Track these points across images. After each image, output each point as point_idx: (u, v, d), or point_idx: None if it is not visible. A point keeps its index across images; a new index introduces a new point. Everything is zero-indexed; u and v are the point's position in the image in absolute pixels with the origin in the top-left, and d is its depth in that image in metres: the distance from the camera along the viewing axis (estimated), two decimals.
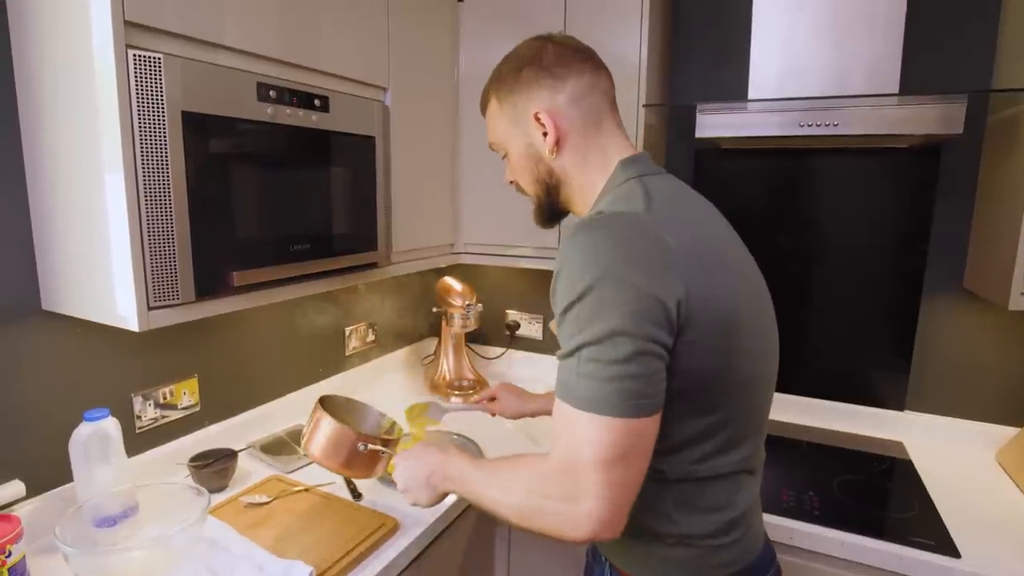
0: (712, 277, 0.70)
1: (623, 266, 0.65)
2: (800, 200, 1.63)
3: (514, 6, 1.58)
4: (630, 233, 0.68)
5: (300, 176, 1.14)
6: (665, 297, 0.65)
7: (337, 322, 1.74)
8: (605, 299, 0.65)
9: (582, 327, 0.66)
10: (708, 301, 0.68)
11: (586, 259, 0.67)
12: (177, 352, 1.29)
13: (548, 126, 0.82)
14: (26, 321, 1.02)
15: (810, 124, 1.22)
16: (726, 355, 0.72)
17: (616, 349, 0.64)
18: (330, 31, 1.21)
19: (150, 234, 0.89)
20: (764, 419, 0.84)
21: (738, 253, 0.80)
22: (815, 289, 1.65)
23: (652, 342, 0.65)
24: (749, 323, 0.75)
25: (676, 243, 0.68)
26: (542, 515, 0.70)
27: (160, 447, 1.26)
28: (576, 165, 0.85)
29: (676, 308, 0.66)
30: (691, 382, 0.70)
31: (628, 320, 0.64)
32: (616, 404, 0.64)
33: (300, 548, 1.02)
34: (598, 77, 0.84)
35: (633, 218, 0.71)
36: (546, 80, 0.83)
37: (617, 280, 0.65)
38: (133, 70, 0.85)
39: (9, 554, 0.89)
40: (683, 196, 0.81)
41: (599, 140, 0.84)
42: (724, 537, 0.78)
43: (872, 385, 1.63)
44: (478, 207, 1.71)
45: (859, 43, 1.24)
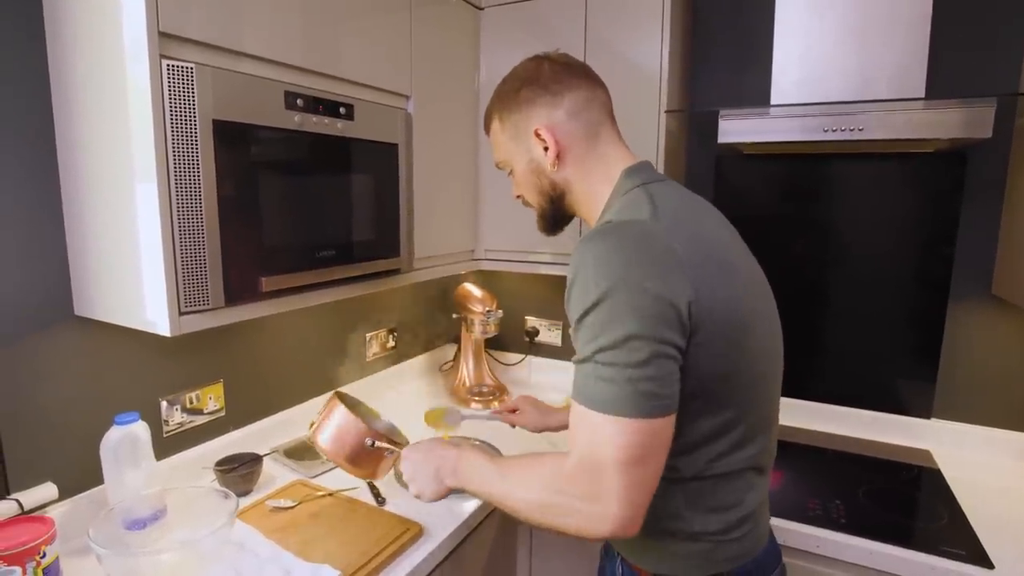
0: (718, 280, 0.72)
1: (635, 272, 0.68)
2: (824, 205, 1.62)
3: (534, 14, 1.59)
4: (639, 241, 0.71)
5: (325, 183, 1.15)
6: (676, 301, 0.68)
7: (358, 328, 1.75)
8: (619, 305, 0.67)
9: (597, 333, 0.68)
10: (716, 303, 0.71)
11: (598, 267, 0.69)
12: (203, 358, 1.31)
13: (548, 141, 0.86)
14: (59, 326, 1.04)
15: (834, 129, 1.21)
16: (735, 355, 0.74)
17: (632, 353, 0.66)
18: (355, 40, 1.22)
19: (182, 240, 0.91)
20: (773, 416, 0.85)
21: (742, 256, 0.82)
22: (840, 295, 1.63)
23: (666, 344, 0.67)
24: (755, 324, 0.77)
25: (682, 248, 0.71)
26: (562, 513, 0.72)
27: (187, 451, 1.28)
28: (578, 176, 0.89)
29: (687, 311, 0.68)
30: (703, 382, 0.72)
31: (642, 324, 0.66)
32: (634, 405, 0.66)
33: (325, 552, 1.03)
34: (594, 91, 0.89)
35: (641, 226, 0.74)
36: (544, 97, 0.87)
37: (630, 286, 0.67)
38: (166, 80, 0.87)
39: (44, 555, 0.91)
40: (687, 202, 0.82)
41: (599, 150, 0.88)
42: (733, 533, 0.80)
43: (899, 393, 1.60)
44: (498, 213, 1.72)
45: (883, 47, 1.23)
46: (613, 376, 0.67)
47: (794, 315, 1.68)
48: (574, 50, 1.52)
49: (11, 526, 0.92)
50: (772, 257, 1.67)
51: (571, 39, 1.54)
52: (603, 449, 0.68)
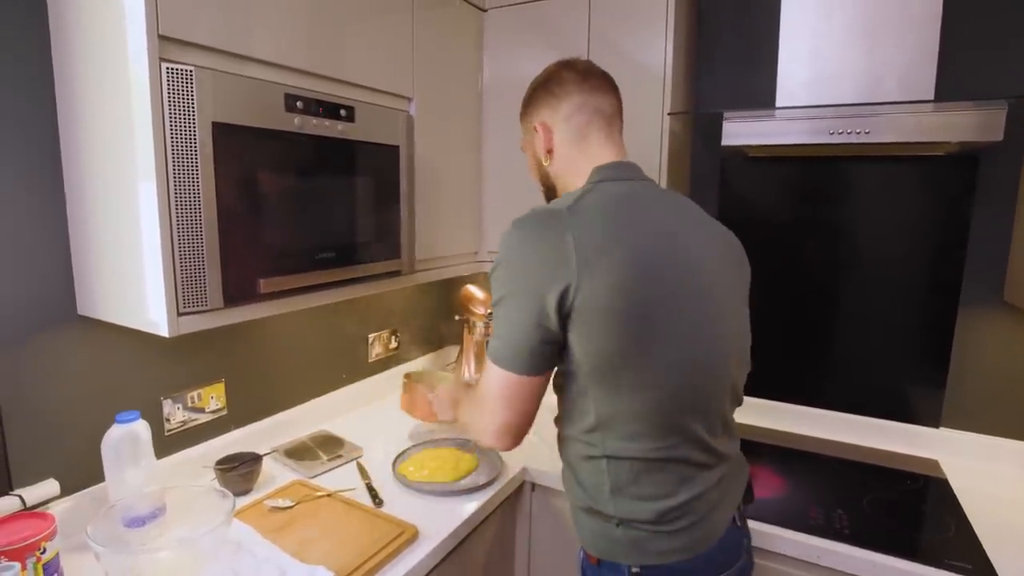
0: (612, 275, 0.80)
1: (521, 253, 0.84)
2: (832, 209, 1.60)
3: (538, 15, 1.58)
4: (534, 230, 0.84)
5: (325, 185, 1.15)
6: (549, 287, 0.80)
7: (361, 329, 1.76)
8: (504, 275, 0.85)
9: (493, 294, 0.87)
10: (597, 295, 0.80)
11: (503, 243, 0.86)
12: (205, 357, 1.32)
13: (545, 136, 1.00)
14: (62, 326, 1.06)
15: (841, 132, 1.19)
16: (627, 337, 0.81)
17: (506, 310, 0.85)
18: (356, 42, 1.23)
19: (181, 242, 0.91)
20: (710, 409, 0.89)
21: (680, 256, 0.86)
22: (847, 300, 1.61)
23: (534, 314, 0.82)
24: (665, 320, 0.83)
25: (576, 243, 0.81)
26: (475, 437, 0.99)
27: (188, 449, 1.29)
28: (563, 172, 1.00)
29: (560, 293, 0.80)
30: (594, 360, 0.82)
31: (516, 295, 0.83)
32: (500, 359, 0.86)
33: (321, 553, 1.03)
34: (592, 96, 0.98)
35: (544, 216, 0.85)
36: (547, 100, 1.00)
37: (513, 264, 0.84)
38: (166, 82, 0.87)
39: (44, 551, 0.92)
40: (627, 200, 0.89)
41: (585, 151, 0.98)
42: (666, 525, 0.86)
43: (906, 400, 1.58)
44: (501, 215, 1.72)
45: (892, 48, 1.21)
46: (494, 331, 0.87)
47: (800, 320, 1.66)
48: (578, 51, 1.52)
49: (12, 522, 0.93)
50: (778, 261, 1.67)
51: (575, 40, 1.53)
52: (486, 387, 0.89)
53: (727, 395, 0.93)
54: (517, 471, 1.39)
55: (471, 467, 1.37)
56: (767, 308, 1.65)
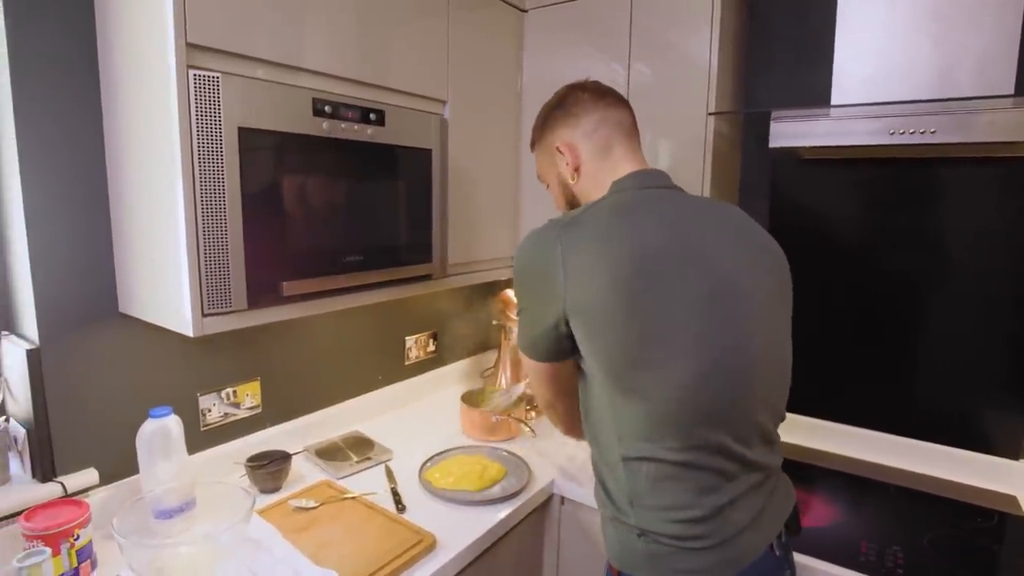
0: (603, 280, 0.80)
1: (531, 263, 0.89)
2: (899, 216, 1.46)
3: (579, 13, 1.54)
4: (531, 249, 0.89)
5: (354, 188, 1.16)
6: (551, 295, 0.84)
7: (398, 331, 1.77)
8: (520, 285, 0.92)
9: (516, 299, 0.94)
10: (590, 301, 0.81)
11: (518, 254, 0.92)
12: (242, 355, 1.36)
13: (567, 155, 1.00)
14: (104, 323, 1.11)
15: (902, 132, 1.09)
16: (630, 338, 0.80)
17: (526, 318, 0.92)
18: (388, 46, 1.23)
19: (206, 244, 0.94)
20: (735, 416, 0.84)
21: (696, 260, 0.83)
22: (917, 316, 1.47)
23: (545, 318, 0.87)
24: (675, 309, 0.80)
25: (563, 253, 0.84)
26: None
27: (223, 445, 1.33)
28: (591, 188, 1.00)
29: (558, 310, 0.84)
30: (604, 363, 0.83)
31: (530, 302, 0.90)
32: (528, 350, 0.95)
33: (338, 557, 1.03)
34: (609, 111, 1.00)
35: (544, 230, 0.89)
36: (566, 119, 1.01)
37: (525, 275, 0.90)
38: (193, 89, 0.90)
39: (77, 537, 0.96)
40: (635, 207, 0.88)
41: (609, 165, 0.98)
42: (692, 542, 0.82)
43: (982, 428, 1.42)
44: (540, 218, 1.66)
45: (964, 39, 1.09)
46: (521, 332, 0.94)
47: (862, 337, 1.53)
48: (619, 49, 1.47)
49: (50, 508, 0.98)
50: (839, 273, 1.55)
51: (617, 38, 1.47)
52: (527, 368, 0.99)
53: (759, 404, 0.87)
54: (546, 483, 1.35)
55: (498, 477, 1.34)
56: (826, 323, 1.53)
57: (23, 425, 1.07)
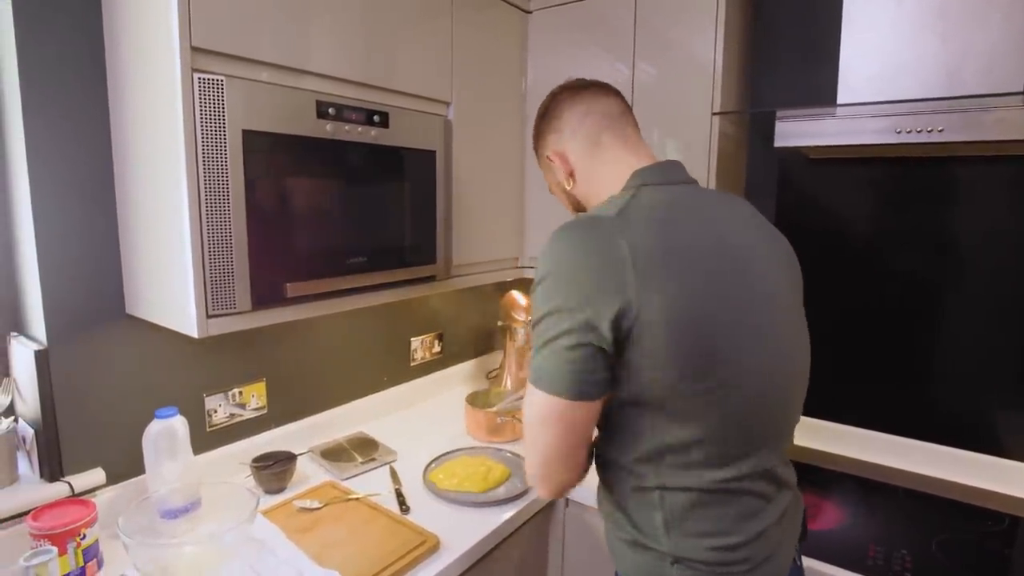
0: (674, 285, 0.71)
1: (574, 264, 0.73)
2: (909, 216, 1.45)
3: (584, 13, 1.54)
4: (583, 239, 0.74)
5: (357, 190, 1.16)
6: (604, 302, 0.70)
7: (403, 332, 1.77)
8: (550, 288, 0.74)
9: (535, 310, 0.76)
10: (662, 308, 0.70)
11: (548, 254, 0.76)
12: (247, 356, 1.36)
13: (558, 163, 0.95)
14: (112, 324, 1.12)
15: (908, 130, 1.08)
16: (692, 363, 0.71)
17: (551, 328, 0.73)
18: (391, 48, 1.23)
19: (210, 246, 0.94)
20: (776, 440, 0.80)
21: (740, 262, 0.78)
22: (928, 317, 1.45)
23: (585, 333, 0.71)
24: (733, 334, 0.74)
25: (631, 250, 0.71)
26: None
27: (229, 445, 1.34)
28: (589, 188, 0.94)
29: (617, 313, 0.69)
30: (656, 385, 0.72)
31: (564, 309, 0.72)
32: (543, 380, 0.74)
33: (341, 557, 1.03)
34: (591, 103, 0.93)
35: (593, 223, 0.76)
36: (550, 125, 0.97)
37: (564, 276, 0.73)
38: (198, 92, 0.90)
39: (84, 536, 0.97)
40: (676, 204, 0.80)
41: (602, 157, 0.92)
42: (732, 566, 0.77)
43: (994, 430, 1.40)
44: (545, 220, 1.68)
45: (971, 36, 1.08)
46: (539, 350, 0.75)
47: (871, 338, 1.52)
48: (624, 49, 1.47)
49: (57, 508, 0.99)
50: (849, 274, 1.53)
51: (621, 39, 1.47)
52: (527, 411, 0.77)
53: (795, 415, 0.84)
54: None
55: (502, 478, 1.34)
56: (834, 325, 1.52)
57: (31, 425, 1.08)
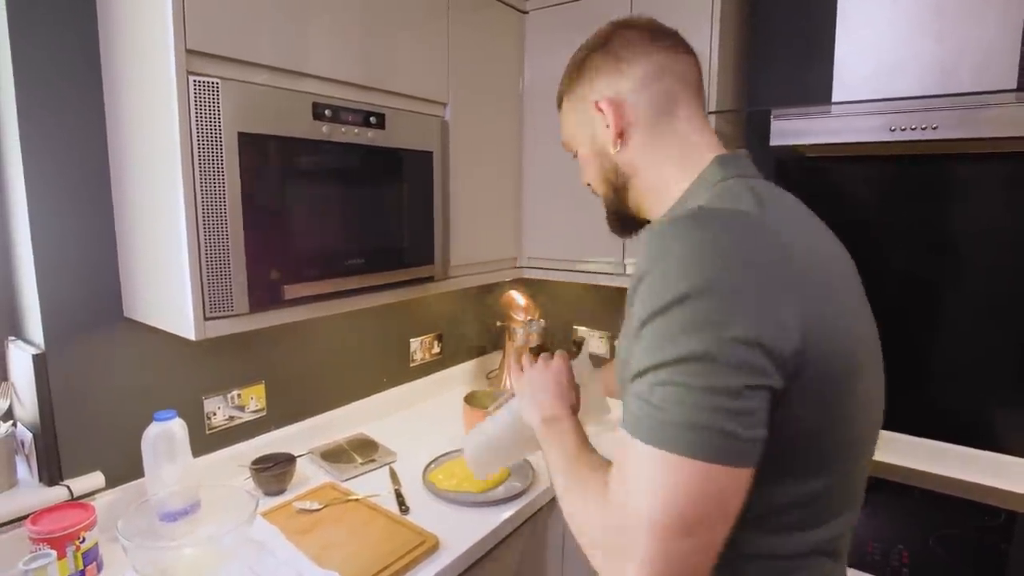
0: (833, 306, 0.56)
1: (734, 276, 0.52)
2: (908, 214, 1.45)
3: (580, 13, 1.54)
4: (745, 236, 0.55)
5: (354, 192, 1.16)
6: (780, 323, 0.51)
7: (402, 333, 1.77)
8: (705, 311, 0.51)
9: (665, 342, 0.51)
10: (827, 336, 0.54)
11: (685, 262, 0.52)
12: (246, 359, 1.36)
13: (608, 115, 0.72)
14: (110, 327, 1.12)
15: (903, 128, 1.08)
16: (839, 405, 0.57)
17: (711, 376, 0.50)
18: (387, 49, 1.23)
19: (207, 248, 0.94)
20: (862, 491, 0.68)
21: (856, 281, 0.66)
22: (923, 314, 1.46)
23: (754, 373, 0.50)
24: (866, 371, 0.60)
25: (799, 258, 0.55)
26: (592, 549, 0.59)
27: (228, 448, 1.34)
28: (645, 160, 0.73)
29: (789, 338, 0.51)
30: (794, 437, 0.55)
31: (731, 343, 0.50)
32: (702, 445, 0.49)
33: (341, 558, 1.03)
34: (672, 59, 0.72)
35: (748, 219, 0.57)
36: (610, 65, 0.73)
37: (724, 293, 0.51)
38: (193, 94, 0.90)
39: (83, 540, 0.97)
40: (796, 205, 0.67)
41: (674, 130, 0.72)
42: None
43: (993, 426, 1.41)
44: (543, 221, 1.68)
45: (966, 34, 1.08)
46: (676, 400, 0.50)
47: None
48: None
49: (56, 511, 0.99)
50: None
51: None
52: (640, 499, 0.51)
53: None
54: (550, 484, 1.34)
55: (501, 478, 1.34)
56: None
57: (30, 429, 1.08)
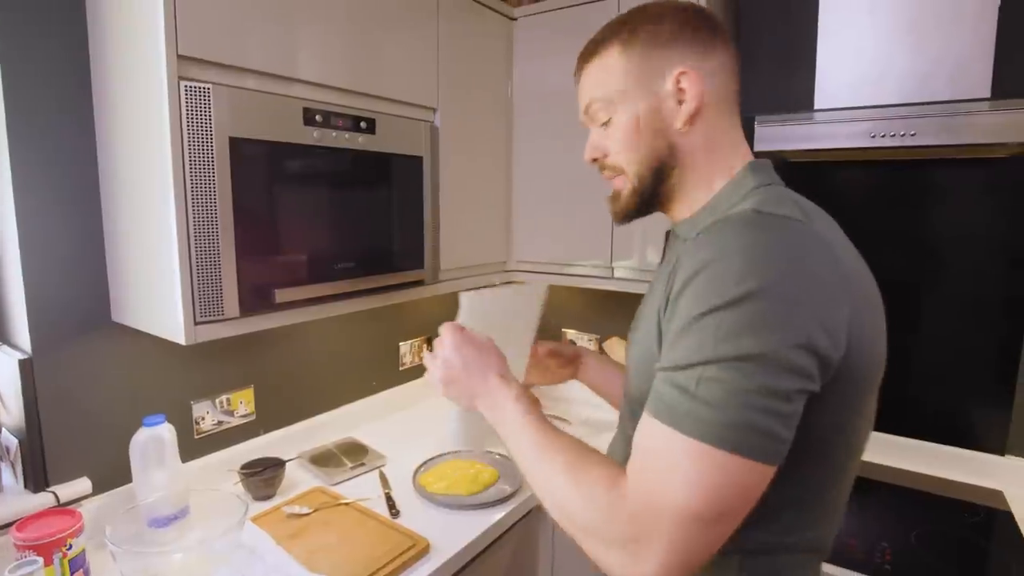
0: (869, 319, 0.59)
1: (797, 280, 0.54)
2: (885, 218, 1.49)
3: (568, 20, 1.56)
4: (805, 243, 0.56)
5: (345, 196, 1.17)
6: (835, 330, 0.54)
7: (392, 337, 1.78)
8: (766, 312, 0.52)
9: (722, 338, 0.53)
10: (864, 347, 0.57)
11: (752, 259, 0.54)
12: (235, 363, 1.36)
13: (691, 91, 0.67)
14: (97, 332, 1.11)
15: (883, 135, 1.11)
16: (855, 414, 0.61)
17: (761, 375, 0.52)
18: (377, 54, 1.24)
19: (198, 253, 0.94)
20: (848, 494, 0.70)
21: (880, 299, 0.66)
22: (904, 315, 1.49)
23: (804, 378, 0.53)
24: (877, 381, 0.63)
25: (846, 269, 0.58)
26: (584, 532, 0.61)
27: (217, 453, 1.33)
28: (704, 148, 0.69)
29: (838, 346, 0.55)
30: (818, 437, 0.58)
31: (788, 346, 0.52)
32: (743, 439, 0.52)
33: (331, 563, 1.04)
34: (735, 58, 0.71)
35: (804, 227, 0.58)
36: (699, 38, 0.68)
37: (787, 295, 0.53)
38: (184, 100, 0.90)
39: (70, 547, 0.96)
40: (831, 219, 0.67)
41: (732, 125, 0.71)
42: None
43: (969, 424, 1.44)
44: (532, 224, 1.70)
45: (942, 44, 1.12)
46: (725, 397, 0.52)
47: None
48: None
49: (42, 518, 0.97)
50: None
51: None
52: (673, 489, 0.53)
53: None
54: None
55: (491, 481, 1.35)
56: None
57: (15, 435, 1.07)
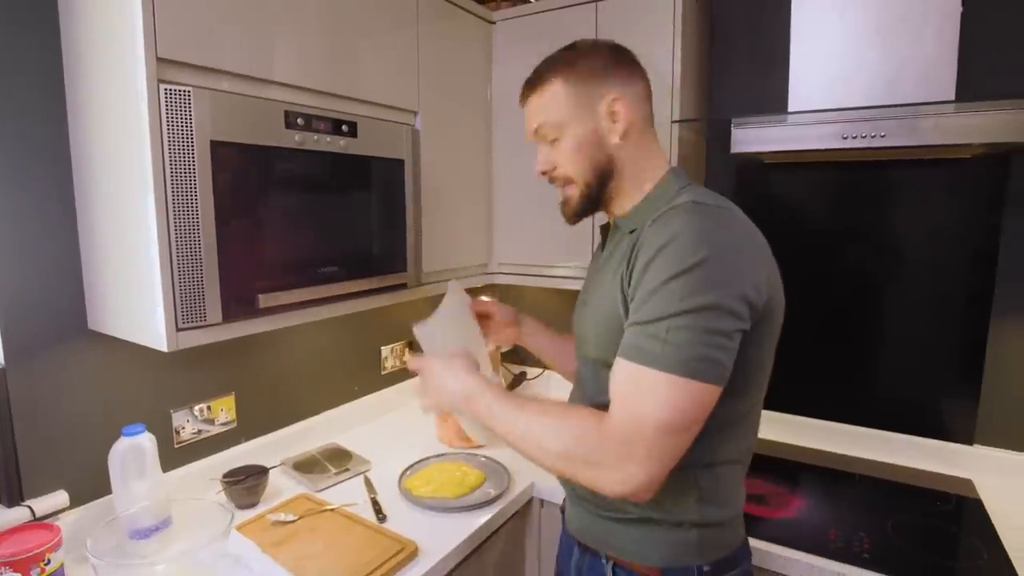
0: (774, 274, 0.81)
1: (733, 249, 0.74)
2: (855, 216, 1.53)
3: (547, 24, 1.58)
4: (734, 222, 0.78)
5: (327, 200, 1.16)
6: (760, 285, 0.75)
7: (373, 341, 1.77)
8: (713, 274, 0.71)
9: (683, 296, 0.71)
10: (776, 295, 0.80)
11: (700, 236, 0.73)
12: (215, 370, 1.34)
13: (622, 113, 0.86)
14: (73, 340, 1.09)
15: (853, 136, 1.14)
16: (770, 345, 0.83)
17: (712, 320, 0.71)
18: (358, 58, 1.24)
19: (179, 258, 0.93)
20: None
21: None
22: (873, 311, 1.54)
23: (741, 320, 0.73)
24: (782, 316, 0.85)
25: (760, 239, 0.80)
26: (583, 466, 0.76)
27: (198, 462, 1.31)
28: (633, 158, 0.89)
29: (761, 295, 0.75)
30: (746, 366, 0.77)
31: (729, 297, 0.71)
32: (700, 369, 0.70)
33: (319, 569, 1.03)
34: (649, 89, 0.92)
35: (734, 213, 0.80)
36: (622, 71, 0.88)
37: (727, 261, 0.73)
38: (164, 104, 0.89)
39: (48, 562, 0.94)
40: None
41: (652, 140, 0.92)
42: (730, 524, 0.88)
43: (938, 416, 1.49)
44: (513, 227, 1.71)
45: (908, 47, 1.16)
46: (688, 339, 0.70)
47: (824, 332, 1.59)
48: None
49: (19, 533, 0.95)
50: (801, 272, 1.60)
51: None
52: (652, 409, 0.71)
53: None
54: (525, 486, 1.36)
55: (477, 483, 1.35)
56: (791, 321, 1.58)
57: None
